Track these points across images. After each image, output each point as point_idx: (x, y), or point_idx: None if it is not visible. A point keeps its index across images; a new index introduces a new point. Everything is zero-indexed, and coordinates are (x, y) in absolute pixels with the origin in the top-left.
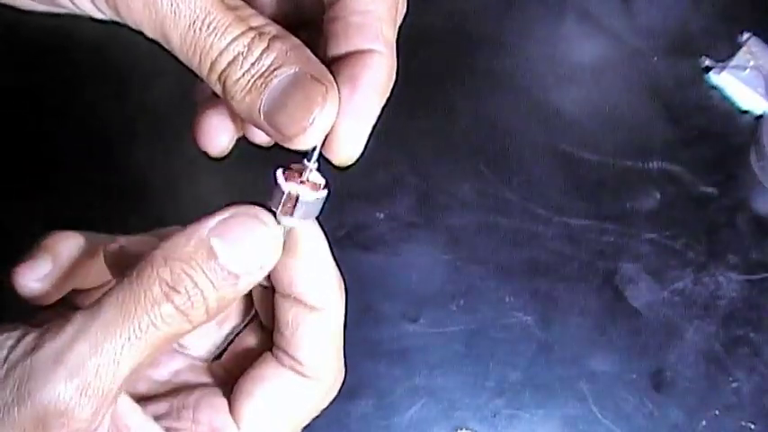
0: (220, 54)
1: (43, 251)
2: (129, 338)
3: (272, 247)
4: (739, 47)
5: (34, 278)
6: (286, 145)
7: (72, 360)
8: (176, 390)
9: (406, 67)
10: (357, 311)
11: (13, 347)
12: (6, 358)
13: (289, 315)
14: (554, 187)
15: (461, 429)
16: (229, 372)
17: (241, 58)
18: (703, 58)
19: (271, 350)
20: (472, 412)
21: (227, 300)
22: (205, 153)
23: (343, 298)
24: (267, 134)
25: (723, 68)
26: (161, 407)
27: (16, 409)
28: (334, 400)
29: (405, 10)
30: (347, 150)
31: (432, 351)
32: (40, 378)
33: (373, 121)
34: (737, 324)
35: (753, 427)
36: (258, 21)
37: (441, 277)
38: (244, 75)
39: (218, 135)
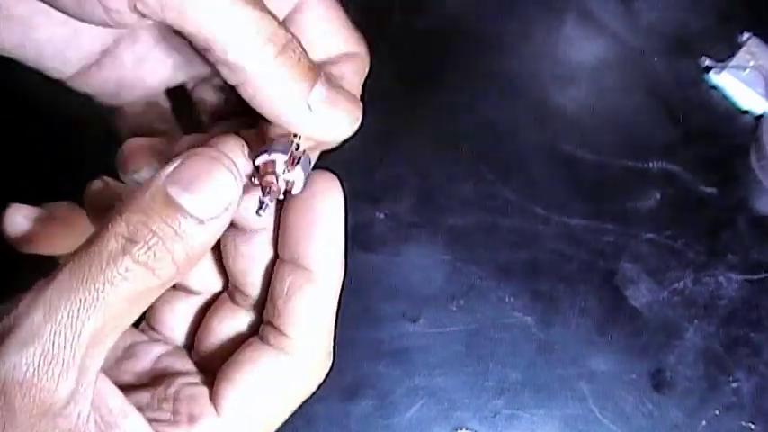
0: (269, 28)
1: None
2: (84, 300)
3: (233, 185)
4: (739, 47)
5: (24, 214)
6: (327, 139)
7: (26, 329)
8: (158, 378)
9: (406, 67)
10: (357, 311)
11: None
12: None
13: (285, 282)
14: (554, 187)
15: (461, 429)
16: (212, 358)
17: (286, 37)
18: (703, 58)
19: (257, 333)
20: (472, 412)
21: (196, 249)
22: None
23: (342, 270)
24: (309, 132)
25: (723, 68)
26: (143, 397)
27: None
28: (333, 400)
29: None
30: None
31: (432, 351)
32: None
33: None
34: (737, 324)
35: (753, 427)
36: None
37: (441, 277)
38: (300, 59)
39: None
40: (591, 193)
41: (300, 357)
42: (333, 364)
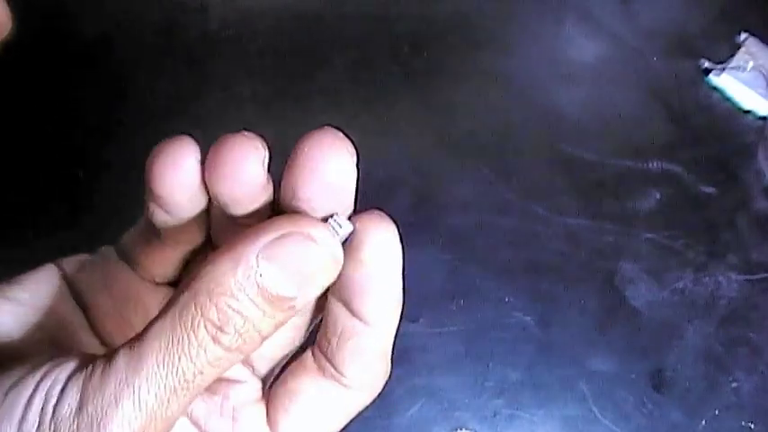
0: None
1: None
2: (175, 391)
3: (331, 266)
4: (738, 47)
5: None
6: None
7: (116, 424)
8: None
9: (406, 66)
10: None
11: (59, 399)
12: (54, 413)
13: (339, 325)
14: (554, 187)
15: (461, 429)
16: (266, 362)
17: None
18: (702, 60)
19: (311, 349)
20: (472, 412)
21: (283, 322)
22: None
23: (398, 314)
24: None
25: (723, 70)
26: (200, 407)
27: None
28: None
29: None
30: None
31: (432, 351)
32: None
33: None
34: (737, 324)
35: (753, 427)
36: None
37: (441, 277)
38: None
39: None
40: (591, 193)
41: (356, 390)
42: None
